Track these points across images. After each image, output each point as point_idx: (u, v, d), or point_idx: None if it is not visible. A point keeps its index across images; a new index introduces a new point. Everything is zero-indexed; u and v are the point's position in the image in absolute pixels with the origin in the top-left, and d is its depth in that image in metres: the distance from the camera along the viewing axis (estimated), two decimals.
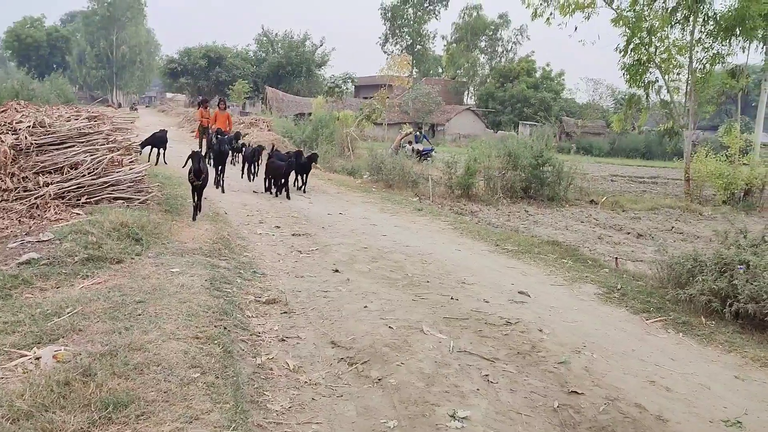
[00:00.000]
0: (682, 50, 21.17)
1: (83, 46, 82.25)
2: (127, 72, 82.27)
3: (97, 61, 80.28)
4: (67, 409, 3.76)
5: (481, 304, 6.64)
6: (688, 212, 19.04)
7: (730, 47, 20.22)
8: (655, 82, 21.64)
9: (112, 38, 79.71)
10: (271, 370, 4.90)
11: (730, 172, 20.37)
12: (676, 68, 21.52)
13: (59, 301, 5.75)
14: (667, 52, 21.32)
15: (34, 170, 9.00)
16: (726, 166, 20.68)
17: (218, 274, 6.91)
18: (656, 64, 21.19)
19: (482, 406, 4.34)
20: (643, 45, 20.97)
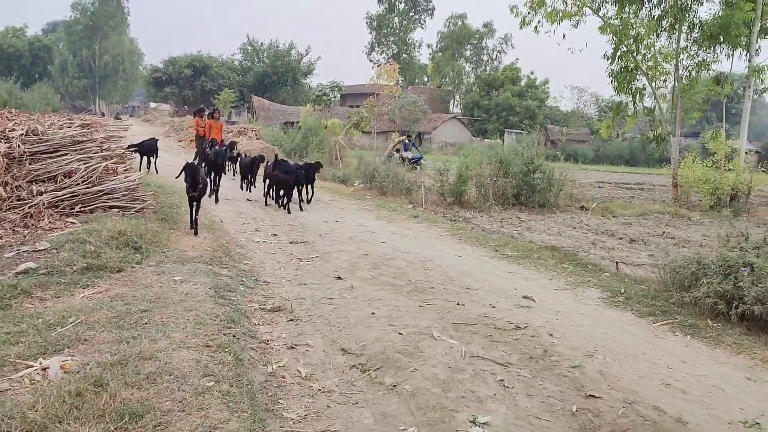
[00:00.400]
0: (668, 57, 21.43)
1: (65, 56, 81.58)
2: (110, 81, 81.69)
3: (79, 71, 79.61)
4: (81, 421, 3.67)
5: (488, 309, 6.61)
6: (677, 217, 19.19)
7: (715, 55, 20.52)
8: (642, 89, 21.83)
9: (94, 47, 79.10)
10: (283, 377, 4.82)
11: (717, 178, 20.58)
12: (662, 75, 21.76)
13: (61, 311, 5.63)
14: (653, 59, 21.56)
15: (28, 179, 8.86)
16: (712, 171, 20.90)
17: (221, 282, 6.82)
18: (643, 71, 21.41)
19: (501, 411, 4.30)
20: (630, 52, 21.18)
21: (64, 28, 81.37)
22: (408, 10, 71.96)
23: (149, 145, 16.78)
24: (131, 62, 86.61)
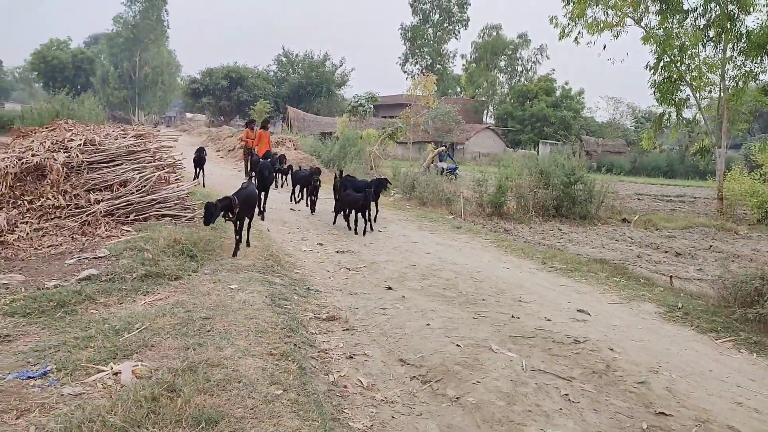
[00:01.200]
0: (713, 68, 21.07)
1: (107, 68, 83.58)
2: (150, 92, 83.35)
3: (120, 82, 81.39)
4: (159, 425, 3.73)
5: (544, 322, 6.55)
6: (723, 231, 18.80)
7: (762, 65, 20.07)
8: (686, 99, 21.48)
9: (135, 59, 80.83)
10: (345, 387, 4.84)
11: (765, 191, 20.11)
12: (707, 86, 21.39)
13: (126, 317, 5.75)
14: (697, 69, 21.23)
15: (85, 188, 9.08)
16: (760, 184, 20.43)
17: (276, 291, 6.89)
18: (687, 81, 21.08)
19: (569, 426, 4.25)
20: (674, 63, 20.89)
21: (106, 40, 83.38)
22: (442, 21, 72.07)
23: (198, 155, 16.76)
24: (169, 73, 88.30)
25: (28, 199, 8.68)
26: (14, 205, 8.56)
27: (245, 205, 8.51)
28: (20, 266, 7.47)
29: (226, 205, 8.05)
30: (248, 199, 8.68)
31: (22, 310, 6.01)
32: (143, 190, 9.38)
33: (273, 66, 73.70)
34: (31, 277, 7.06)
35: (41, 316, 5.92)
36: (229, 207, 8.10)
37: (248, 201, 8.68)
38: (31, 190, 8.80)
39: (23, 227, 8.35)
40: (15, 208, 8.52)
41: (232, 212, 8.19)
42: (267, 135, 18.47)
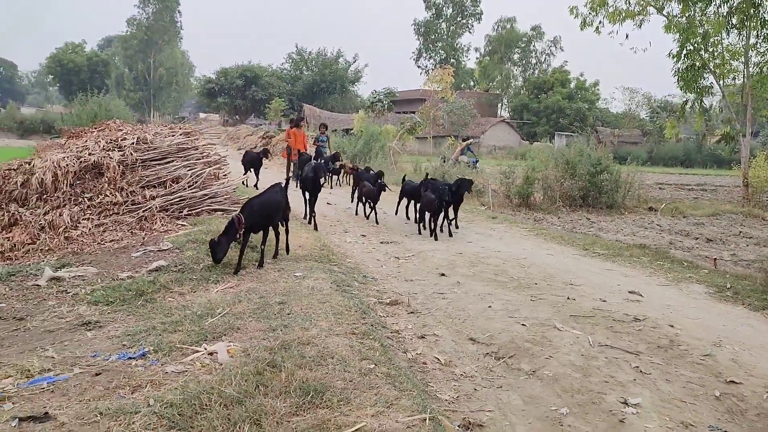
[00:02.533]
0: (736, 55, 21.10)
1: (121, 70, 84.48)
2: (164, 93, 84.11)
3: (135, 84, 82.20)
4: (270, 396, 4.03)
5: (599, 303, 6.79)
6: (750, 217, 18.89)
7: None
8: (709, 87, 21.55)
9: (149, 61, 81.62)
10: (424, 363, 5.10)
11: None
12: (730, 73, 21.42)
13: (205, 304, 6.07)
14: (720, 57, 21.26)
15: (140, 184, 9.42)
16: None
17: (338, 278, 7.17)
18: (710, 69, 21.13)
19: (645, 395, 4.49)
20: (697, 50, 20.94)
21: (121, 42, 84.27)
22: (455, 16, 72.19)
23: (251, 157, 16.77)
24: (183, 74, 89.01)
25: (88, 196, 9.03)
26: (76, 203, 8.90)
27: (262, 215, 7.51)
28: (89, 260, 7.82)
29: (232, 234, 7.19)
30: (266, 207, 7.59)
31: (104, 300, 6.35)
32: (195, 185, 9.71)
33: (287, 64, 74.16)
34: (103, 270, 7.40)
35: (123, 305, 6.26)
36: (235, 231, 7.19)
37: (266, 209, 7.59)
38: (90, 187, 9.15)
39: (85, 223, 8.70)
40: (77, 205, 8.86)
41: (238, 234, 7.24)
42: (301, 134, 17.80)
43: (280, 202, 7.93)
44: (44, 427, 3.74)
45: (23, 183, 8.77)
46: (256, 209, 7.44)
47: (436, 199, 10.46)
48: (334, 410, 3.87)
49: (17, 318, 5.96)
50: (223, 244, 7.18)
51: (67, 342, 5.38)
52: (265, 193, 7.94)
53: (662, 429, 4.04)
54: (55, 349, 5.18)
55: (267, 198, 7.77)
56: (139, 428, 3.71)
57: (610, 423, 4.10)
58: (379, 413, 3.86)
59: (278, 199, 7.90)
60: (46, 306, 6.28)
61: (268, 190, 8.01)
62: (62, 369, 4.76)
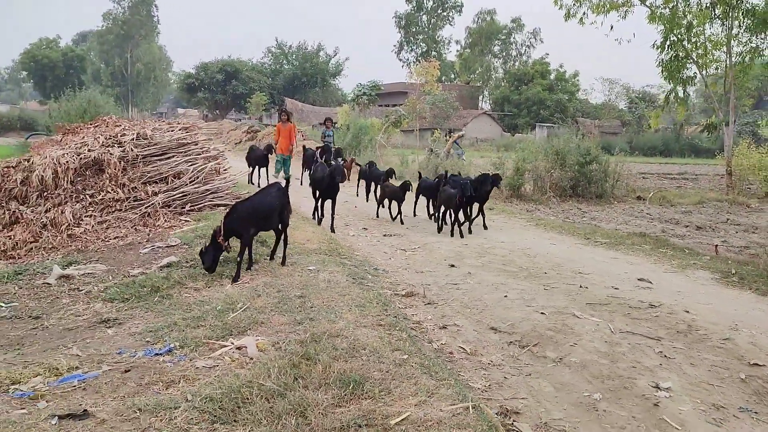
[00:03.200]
0: (718, 45, 21.40)
1: (97, 65, 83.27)
2: (142, 89, 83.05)
3: (112, 79, 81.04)
4: (310, 387, 4.04)
5: (611, 290, 6.89)
6: (735, 205, 19.21)
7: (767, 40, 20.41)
8: (693, 77, 21.84)
9: (126, 56, 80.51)
10: (451, 353, 5.14)
11: None
12: (713, 63, 21.73)
13: (224, 299, 6.04)
14: (702, 47, 21.55)
15: (142, 180, 9.32)
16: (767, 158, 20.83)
17: (351, 271, 7.19)
18: (693, 59, 21.41)
19: (674, 379, 4.58)
20: (680, 41, 21.19)
21: (96, 37, 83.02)
22: (436, 8, 72.19)
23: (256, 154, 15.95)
24: (161, 69, 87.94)
25: (89, 193, 8.93)
26: (77, 200, 8.80)
27: (254, 220, 6.90)
28: (96, 257, 7.74)
29: (217, 245, 6.68)
30: (258, 211, 6.94)
31: (119, 297, 6.30)
32: (197, 181, 9.64)
33: (266, 58, 73.66)
34: (112, 267, 7.33)
35: (139, 301, 6.22)
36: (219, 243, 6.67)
37: (257, 213, 6.93)
38: (91, 184, 9.05)
39: (88, 220, 8.60)
40: (78, 203, 8.76)
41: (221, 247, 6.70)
42: (287, 128, 16.44)
43: (272, 206, 7.06)
44: (85, 425, 3.72)
45: (23, 180, 8.64)
46: (242, 214, 6.81)
47: (457, 193, 9.90)
48: (377, 401, 3.90)
49: (33, 317, 5.90)
50: (209, 254, 6.68)
51: (89, 340, 5.34)
52: (256, 196, 7.26)
53: (696, 411, 4.13)
54: (78, 346, 5.14)
55: (257, 201, 7.06)
56: (181, 423, 3.70)
57: (645, 407, 4.18)
58: (421, 402, 3.89)
59: (270, 202, 7.06)
60: (61, 304, 6.21)
61: (260, 193, 7.37)
62: (90, 367, 4.73)
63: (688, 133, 59.08)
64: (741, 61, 20.57)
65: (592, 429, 3.93)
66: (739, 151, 21.22)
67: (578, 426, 3.97)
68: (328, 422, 3.64)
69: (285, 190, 7.37)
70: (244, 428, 3.63)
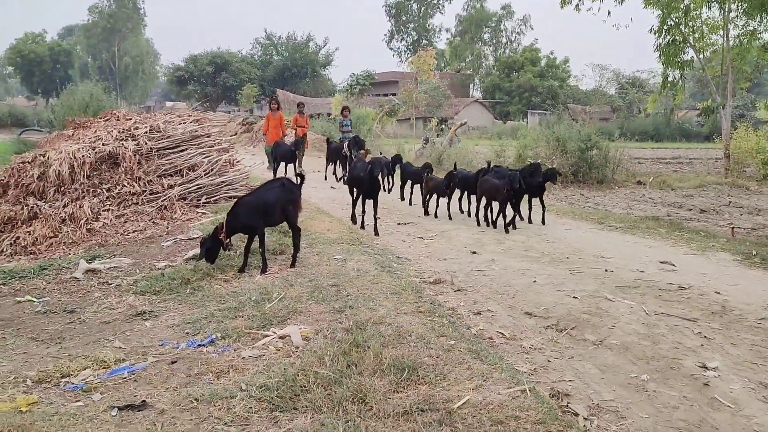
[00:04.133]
0: (715, 29, 21.51)
1: (85, 59, 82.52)
2: (131, 82, 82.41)
3: (99, 73, 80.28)
4: (365, 374, 4.06)
5: (637, 273, 6.95)
6: (735, 188, 19.39)
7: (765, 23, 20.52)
8: (690, 61, 21.94)
9: (113, 50, 79.81)
10: (491, 338, 5.17)
11: None
12: (710, 47, 21.85)
13: (257, 289, 6.06)
14: (699, 31, 21.65)
15: (157, 173, 9.28)
16: (765, 141, 21.01)
17: (378, 260, 7.20)
18: (691, 43, 21.51)
19: (718, 359, 4.64)
20: (678, 25, 21.28)
21: (83, 31, 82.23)
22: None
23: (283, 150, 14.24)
24: (149, 62, 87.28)
25: (106, 187, 8.88)
26: (94, 194, 8.75)
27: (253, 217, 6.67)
28: (119, 251, 7.71)
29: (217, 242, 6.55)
30: (257, 208, 6.67)
31: (150, 289, 6.29)
32: (212, 173, 9.60)
33: (256, 49, 73.21)
34: (137, 260, 7.32)
35: (171, 293, 6.21)
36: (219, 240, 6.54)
37: (256, 210, 6.67)
38: (107, 178, 9.00)
39: (106, 214, 8.57)
40: (95, 197, 8.71)
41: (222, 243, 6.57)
42: (277, 117, 15.71)
43: (271, 203, 6.69)
44: (145, 415, 3.73)
45: (40, 176, 8.58)
46: (241, 210, 6.64)
47: (504, 185, 9.17)
48: (434, 386, 3.93)
49: (68, 311, 5.89)
50: (206, 247, 6.51)
51: (128, 332, 5.34)
52: (256, 191, 7.00)
53: (746, 390, 4.19)
54: (119, 339, 5.15)
55: (256, 197, 6.80)
56: (240, 411, 3.73)
57: (695, 386, 4.23)
58: (478, 386, 3.92)
59: (268, 199, 6.71)
60: (93, 298, 6.20)
61: (261, 187, 7.08)
62: (136, 359, 4.74)
63: (678, 117, 59.43)
64: (738, 44, 20.70)
65: (645, 410, 3.98)
66: (738, 135, 21.38)
67: (631, 407, 4.01)
68: (390, 407, 3.67)
69: (293, 187, 7.01)
70: (305, 416, 3.66)
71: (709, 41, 21.86)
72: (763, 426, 3.72)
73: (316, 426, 3.46)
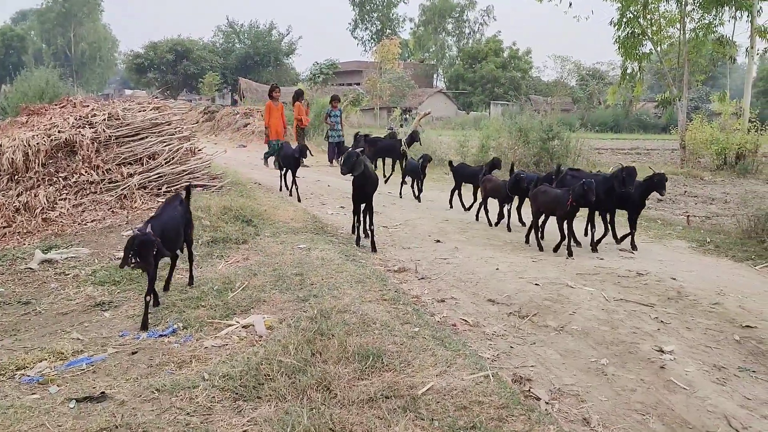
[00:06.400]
0: (672, 22, 21.94)
1: (39, 45, 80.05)
2: (88, 69, 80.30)
3: (55, 60, 77.85)
4: (329, 362, 4.06)
5: (598, 261, 7.09)
6: (690, 178, 19.87)
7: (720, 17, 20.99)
8: (649, 54, 22.36)
9: (69, 35, 77.64)
10: (454, 325, 5.21)
11: (724, 139, 21.26)
12: (667, 40, 22.29)
13: (221, 278, 5.99)
14: (656, 24, 22.06)
15: (116, 162, 9.08)
16: (719, 132, 21.57)
17: (342, 249, 7.19)
18: (649, 36, 21.90)
19: (674, 342, 4.76)
20: (636, 18, 21.64)
21: (37, 16, 79.72)
22: None
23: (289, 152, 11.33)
24: (107, 49, 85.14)
25: (62, 175, 8.66)
26: (50, 183, 8.53)
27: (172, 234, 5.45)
28: (77, 241, 7.53)
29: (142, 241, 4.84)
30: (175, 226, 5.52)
31: (109, 280, 6.19)
32: (173, 161, 9.43)
33: (218, 37, 72.07)
34: (96, 250, 7.16)
35: (131, 284, 6.12)
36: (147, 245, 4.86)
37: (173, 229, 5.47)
38: (63, 166, 8.77)
39: (63, 204, 8.36)
40: (51, 186, 8.49)
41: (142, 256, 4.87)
42: (279, 107, 14.40)
43: (178, 223, 5.59)
44: (104, 407, 3.66)
45: None
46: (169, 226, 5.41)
47: (565, 196, 7.27)
48: (399, 373, 3.95)
49: (22, 302, 5.74)
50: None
51: (87, 323, 5.24)
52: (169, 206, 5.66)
53: (700, 372, 4.31)
54: (77, 330, 5.05)
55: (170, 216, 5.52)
56: (203, 401, 3.69)
57: (652, 370, 4.34)
58: (442, 373, 3.96)
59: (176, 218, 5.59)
60: (49, 289, 6.06)
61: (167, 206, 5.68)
62: (95, 350, 4.66)
63: (636, 109, 60.66)
64: (694, 37, 21.14)
65: (604, 393, 4.06)
66: (693, 126, 21.89)
67: (590, 390, 4.09)
68: (354, 395, 3.67)
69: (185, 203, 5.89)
70: (269, 404, 3.64)
71: (667, 34, 22.29)
72: (717, 406, 3.85)
73: (281, 414, 3.45)
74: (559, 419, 3.65)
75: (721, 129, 21.98)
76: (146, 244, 4.87)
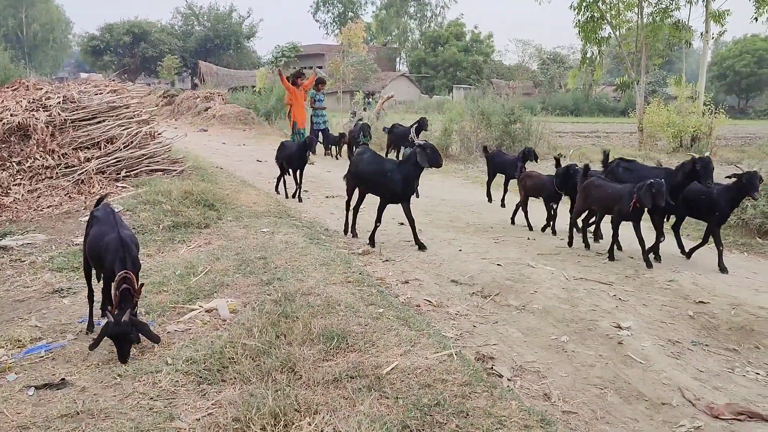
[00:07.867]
0: (630, 6, 22.29)
1: None
2: (41, 52, 77.70)
3: (5, 42, 75.27)
4: (295, 344, 4.07)
5: (558, 241, 7.21)
6: (648, 160, 20.27)
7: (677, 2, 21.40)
8: (608, 38, 22.68)
9: (20, 16, 74.95)
10: (418, 306, 5.26)
11: (680, 122, 21.76)
12: (625, 24, 22.65)
13: (182, 264, 5.93)
14: (615, 8, 22.39)
15: (73, 146, 8.87)
16: (675, 116, 22.06)
17: (306, 232, 7.17)
18: (608, 20, 22.21)
19: (631, 319, 4.89)
20: (596, 2, 21.91)
21: None
22: None
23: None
24: (60, 31, 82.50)
25: (16, 160, 8.42)
26: (3, 168, 8.29)
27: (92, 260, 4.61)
28: (33, 227, 7.35)
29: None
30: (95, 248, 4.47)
31: (67, 266, 6.08)
32: (131, 146, 9.25)
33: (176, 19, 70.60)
34: (53, 236, 7.01)
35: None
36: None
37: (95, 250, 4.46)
38: (17, 151, 8.53)
39: (17, 189, 8.14)
40: (4, 170, 8.25)
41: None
42: (302, 93, 13.57)
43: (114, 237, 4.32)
44: (65, 394, 3.61)
45: None
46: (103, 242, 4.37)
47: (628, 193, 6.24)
48: (363, 353, 3.97)
49: None
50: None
51: (45, 310, 5.14)
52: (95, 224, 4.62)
53: (656, 347, 4.45)
54: (35, 317, 4.94)
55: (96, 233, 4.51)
56: (166, 386, 3.67)
57: (610, 345, 4.46)
58: (406, 352, 3.99)
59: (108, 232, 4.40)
60: (4, 276, 5.91)
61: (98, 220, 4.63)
62: (54, 337, 4.59)
63: (596, 93, 61.61)
64: (651, 21, 21.52)
65: (564, 369, 4.16)
66: (650, 110, 22.34)
67: (551, 367, 4.19)
68: (319, 375, 3.69)
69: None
70: (233, 387, 3.63)
71: (625, 18, 22.63)
72: (671, 379, 3.97)
73: (245, 396, 3.44)
74: (521, 395, 3.73)
75: (677, 112, 22.45)
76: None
